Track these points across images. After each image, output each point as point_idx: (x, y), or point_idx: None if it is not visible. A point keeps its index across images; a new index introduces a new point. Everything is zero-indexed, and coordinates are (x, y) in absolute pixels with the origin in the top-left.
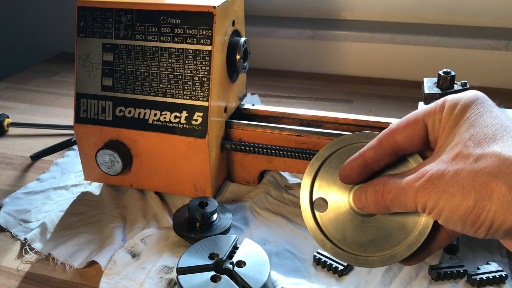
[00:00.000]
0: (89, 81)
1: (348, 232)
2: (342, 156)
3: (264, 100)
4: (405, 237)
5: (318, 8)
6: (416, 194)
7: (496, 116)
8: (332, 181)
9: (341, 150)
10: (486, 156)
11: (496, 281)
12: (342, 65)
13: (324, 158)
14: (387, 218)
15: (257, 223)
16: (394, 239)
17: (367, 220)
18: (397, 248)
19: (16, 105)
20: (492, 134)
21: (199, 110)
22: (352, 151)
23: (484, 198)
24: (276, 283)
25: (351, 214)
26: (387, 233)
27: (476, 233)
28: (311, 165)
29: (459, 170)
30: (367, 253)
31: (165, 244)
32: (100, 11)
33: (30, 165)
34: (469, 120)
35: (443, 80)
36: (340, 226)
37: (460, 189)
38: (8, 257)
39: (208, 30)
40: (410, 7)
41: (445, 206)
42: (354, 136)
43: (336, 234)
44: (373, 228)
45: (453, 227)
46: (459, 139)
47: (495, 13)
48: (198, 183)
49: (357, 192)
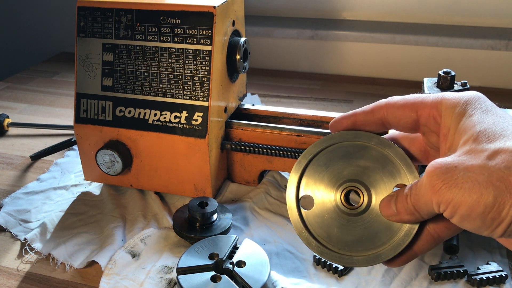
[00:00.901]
0: (89, 81)
1: (334, 230)
2: (329, 154)
3: (264, 100)
4: (391, 238)
5: (318, 8)
6: (429, 193)
7: (501, 115)
8: (319, 179)
9: (329, 148)
10: (501, 152)
11: (496, 281)
12: (342, 65)
13: (312, 155)
14: (373, 218)
15: (257, 223)
16: (380, 239)
17: (353, 219)
18: (382, 248)
19: (16, 105)
20: (501, 130)
21: (199, 110)
22: (340, 149)
23: (505, 193)
24: (276, 283)
25: (337, 212)
26: (373, 233)
27: (494, 231)
28: (298, 162)
29: (471, 166)
30: (352, 252)
31: (165, 244)
32: (100, 11)
33: (30, 165)
34: (474, 117)
35: (443, 80)
36: (325, 224)
37: (476, 185)
38: (8, 257)
39: (208, 30)
40: (410, 7)
41: (461, 203)
42: (343, 134)
43: (321, 232)
44: (359, 228)
45: (469, 226)
46: (467, 136)
47: (495, 13)
48: (198, 183)
49: (386, 199)
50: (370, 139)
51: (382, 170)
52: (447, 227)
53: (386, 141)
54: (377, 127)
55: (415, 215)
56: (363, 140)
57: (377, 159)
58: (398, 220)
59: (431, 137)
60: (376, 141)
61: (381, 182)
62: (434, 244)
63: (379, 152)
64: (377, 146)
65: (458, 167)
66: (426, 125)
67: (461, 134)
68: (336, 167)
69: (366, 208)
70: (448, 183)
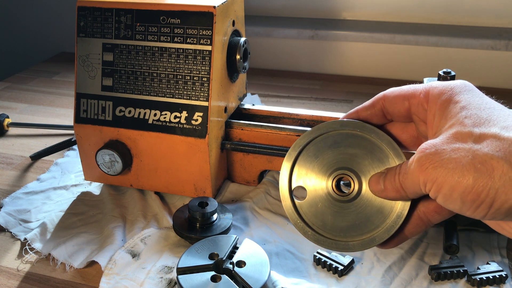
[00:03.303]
0: (89, 81)
1: (328, 218)
2: (318, 144)
3: (264, 100)
4: (383, 221)
5: (318, 8)
6: (416, 172)
7: (487, 102)
8: (310, 169)
9: (317, 138)
10: (485, 136)
11: (496, 281)
12: (342, 65)
13: (301, 147)
14: (365, 203)
15: (257, 223)
16: (373, 223)
17: (346, 206)
18: (376, 231)
19: (16, 105)
20: (487, 116)
21: (199, 110)
22: (328, 139)
23: (485, 176)
24: (276, 283)
25: (329, 200)
26: (366, 217)
27: (475, 212)
28: (288, 154)
29: (457, 148)
30: (347, 238)
31: (165, 244)
32: (100, 11)
33: (30, 165)
34: (460, 103)
35: (443, 80)
36: (319, 213)
37: (459, 166)
38: (8, 257)
39: (208, 30)
40: (410, 7)
41: (443, 183)
42: (329, 124)
43: (316, 221)
44: (352, 213)
45: (452, 206)
46: (454, 120)
47: (495, 13)
48: (198, 183)
49: (376, 176)
50: (355, 127)
51: (371, 157)
52: (436, 211)
53: (372, 128)
54: (380, 119)
55: (401, 193)
56: (349, 128)
57: (364, 146)
58: (384, 196)
59: (420, 126)
60: (361, 128)
61: (370, 168)
62: (424, 227)
63: (366, 139)
64: (363, 133)
65: (446, 149)
66: (416, 113)
67: (447, 120)
68: (326, 156)
69: (357, 194)
70: (434, 163)
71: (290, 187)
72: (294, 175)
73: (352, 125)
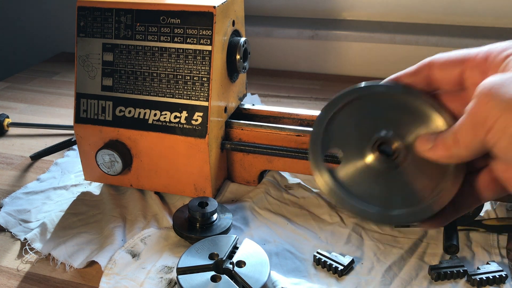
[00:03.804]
0: (89, 81)
1: (373, 187)
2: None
3: (264, 100)
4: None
5: (318, 8)
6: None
7: None
8: (348, 133)
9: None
10: None
11: (496, 281)
12: (342, 65)
13: (337, 108)
14: (413, 171)
15: (257, 223)
16: (418, 195)
17: (392, 174)
18: (421, 205)
19: (16, 105)
20: None
21: (199, 110)
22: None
23: None
24: (276, 283)
25: (372, 168)
26: (410, 188)
27: None
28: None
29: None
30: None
31: (165, 244)
32: (100, 11)
33: (30, 165)
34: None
35: None
36: (362, 181)
37: None
38: (8, 257)
39: (208, 30)
40: (410, 7)
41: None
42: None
43: (357, 190)
44: (396, 183)
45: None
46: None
47: (495, 13)
48: (198, 183)
49: (425, 135)
50: (397, 89)
51: (414, 120)
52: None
53: (415, 91)
54: (424, 88)
55: (451, 150)
56: (391, 91)
57: (408, 109)
58: (432, 155)
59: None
60: (403, 91)
61: (414, 132)
62: (475, 203)
63: (409, 102)
64: (407, 96)
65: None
66: (471, 77)
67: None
68: (366, 120)
69: (402, 160)
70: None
71: (323, 154)
72: (328, 141)
73: (394, 87)
